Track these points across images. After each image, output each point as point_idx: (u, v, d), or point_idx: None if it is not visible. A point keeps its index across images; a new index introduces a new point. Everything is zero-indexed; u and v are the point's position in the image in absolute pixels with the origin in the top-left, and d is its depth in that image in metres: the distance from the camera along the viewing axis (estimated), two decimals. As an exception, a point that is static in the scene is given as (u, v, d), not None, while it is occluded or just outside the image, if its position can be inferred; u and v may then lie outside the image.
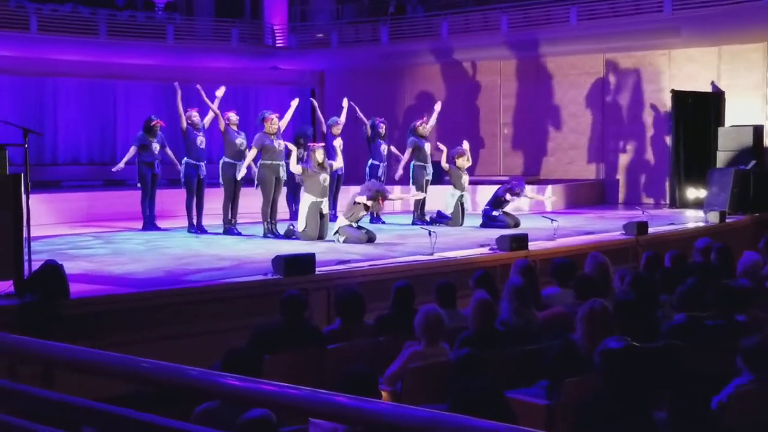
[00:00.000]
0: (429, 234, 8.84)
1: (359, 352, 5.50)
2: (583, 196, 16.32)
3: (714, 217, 12.23)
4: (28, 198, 6.44)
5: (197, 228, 11.32)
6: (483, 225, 11.94)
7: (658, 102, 16.31)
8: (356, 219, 10.33)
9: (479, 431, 2.06)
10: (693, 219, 13.03)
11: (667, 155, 15.68)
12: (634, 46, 16.28)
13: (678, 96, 15.21)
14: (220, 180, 11.15)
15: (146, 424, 2.79)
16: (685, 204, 14.94)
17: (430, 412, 2.14)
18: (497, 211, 11.96)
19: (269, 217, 10.85)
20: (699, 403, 3.92)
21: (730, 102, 15.47)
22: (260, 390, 2.45)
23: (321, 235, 10.42)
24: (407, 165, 12.89)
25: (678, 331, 5.38)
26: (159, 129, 11.67)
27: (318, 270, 7.60)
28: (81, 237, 11.11)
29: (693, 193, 14.98)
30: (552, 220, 10.35)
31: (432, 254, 8.74)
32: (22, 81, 17.20)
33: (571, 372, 4.53)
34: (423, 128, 12.83)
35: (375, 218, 12.43)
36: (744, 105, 15.35)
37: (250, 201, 11.68)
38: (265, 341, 5.46)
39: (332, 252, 9.19)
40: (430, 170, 12.78)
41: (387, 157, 13.02)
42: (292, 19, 19.67)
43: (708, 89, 15.70)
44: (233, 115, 11.28)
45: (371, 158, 12.90)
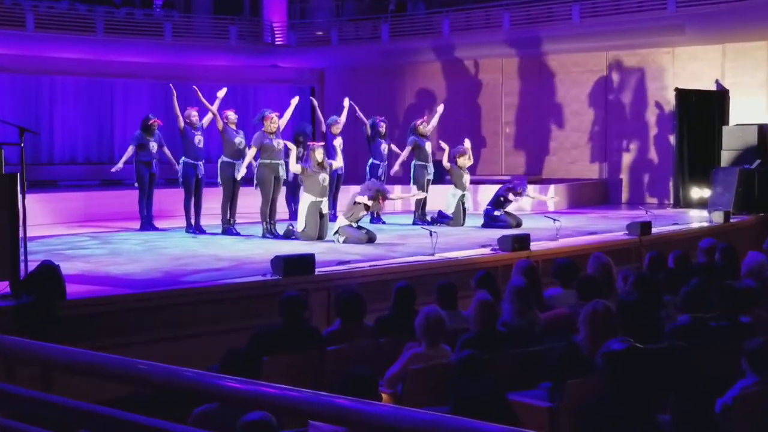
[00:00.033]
0: (430, 234, 8.84)
1: (359, 354, 5.49)
2: (586, 196, 16.32)
3: (718, 217, 12.23)
4: (25, 198, 6.43)
5: (195, 228, 11.32)
6: (484, 225, 11.94)
7: (662, 100, 16.31)
8: (356, 219, 10.33)
9: (481, 434, 2.06)
10: (697, 219, 13.02)
11: (671, 154, 15.68)
12: (638, 44, 16.27)
13: (682, 94, 15.20)
14: (219, 180, 11.15)
15: (144, 427, 2.79)
16: (689, 204, 14.94)
17: (432, 415, 2.14)
18: (499, 211, 11.95)
19: (268, 217, 10.84)
20: (703, 406, 3.92)
21: (735, 100, 15.46)
22: (259, 392, 2.45)
23: (321, 236, 10.42)
24: (407, 164, 12.88)
25: (682, 333, 5.38)
26: (157, 128, 11.67)
27: (318, 270, 7.59)
28: (78, 237, 11.10)
29: (697, 193, 14.98)
30: (554, 220, 10.34)
31: (433, 254, 8.74)
32: (19, 79, 17.21)
33: (574, 374, 4.53)
34: (423, 127, 12.82)
35: (375, 218, 12.43)
36: (749, 103, 15.35)
37: (249, 201, 11.68)
38: (265, 342, 5.46)
39: (332, 252, 9.18)
40: (432, 170, 12.77)
41: (387, 157, 13.01)
42: (292, 17, 19.67)
43: (712, 87, 15.69)
44: (231, 114, 11.28)
45: (371, 157, 12.89)
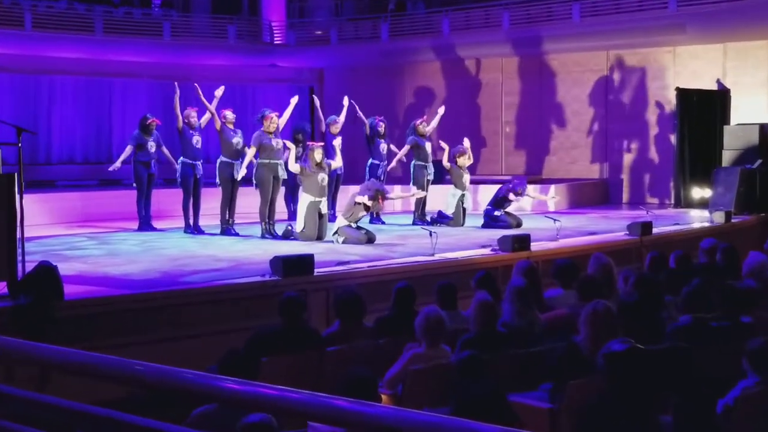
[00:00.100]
0: (430, 234, 8.83)
1: (359, 355, 5.50)
2: (587, 196, 16.32)
3: (719, 217, 12.22)
4: (22, 198, 6.44)
5: (194, 228, 11.31)
6: (484, 225, 11.94)
7: (663, 100, 16.31)
8: (356, 219, 10.32)
9: (481, 435, 2.06)
10: (698, 219, 13.02)
11: (672, 154, 15.67)
12: (639, 43, 16.27)
13: (683, 94, 15.20)
14: (217, 180, 11.15)
15: (142, 428, 2.79)
16: (690, 204, 14.94)
17: (432, 416, 2.14)
18: (499, 211, 11.95)
19: (267, 218, 10.84)
20: (704, 406, 3.92)
21: (736, 100, 15.46)
22: (258, 393, 2.45)
23: (320, 236, 10.41)
24: (407, 164, 12.88)
25: (683, 333, 5.38)
26: (155, 128, 11.66)
27: (317, 271, 7.59)
28: (76, 237, 11.10)
29: (698, 193, 14.98)
30: (555, 221, 10.34)
31: (433, 255, 8.73)
32: (17, 79, 17.21)
33: (575, 374, 4.53)
34: (423, 127, 12.81)
35: (375, 218, 12.42)
36: (750, 103, 15.35)
37: (248, 201, 11.67)
38: (263, 343, 5.46)
39: (331, 253, 9.18)
40: (431, 170, 12.77)
41: (387, 157, 13.01)
42: (291, 16, 19.67)
43: (713, 87, 15.69)
44: (230, 114, 11.27)
45: (371, 157, 12.88)
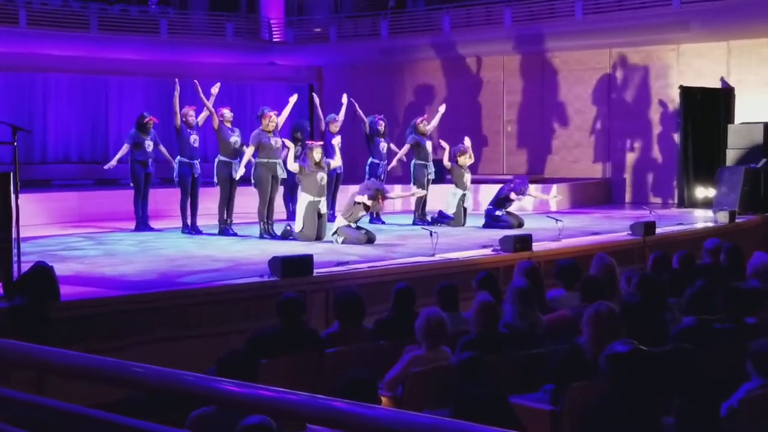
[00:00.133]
0: (430, 234, 8.84)
1: (358, 356, 5.50)
2: (589, 196, 16.32)
3: (723, 217, 12.23)
4: (17, 197, 6.44)
5: (191, 228, 11.31)
6: (486, 225, 11.94)
7: (666, 98, 16.31)
8: (355, 219, 10.32)
9: (482, 438, 2.06)
10: (702, 219, 13.03)
11: (675, 153, 15.68)
12: (642, 41, 16.28)
13: (686, 92, 15.20)
14: (215, 179, 11.15)
15: (140, 431, 2.79)
16: (694, 203, 14.95)
17: (432, 418, 2.14)
18: (500, 211, 11.95)
19: (266, 218, 10.84)
20: (708, 409, 3.92)
21: (740, 98, 15.47)
22: (257, 395, 2.45)
23: (319, 236, 10.41)
24: (407, 163, 12.88)
25: (686, 335, 5.39)
26: (152, 126, 11.67)
27: (316, 272, 7.59)
28: (72, 238, 11.10)
29: (702, 193, 14.98)
30: (557, 220, 10.34)
31: (433, 255, 8.74)
32: (11, 77, 17.19)
33: (577, 376, 4.53)
34: (424, 126, 12.82)
35: (375, 218, 12.42)
36: (754, 101, 15.35)
37: (247, 201, 11.67)
38: (262, 345, 5.46)
39: (331, 253, 9.18)
40: (432, 169, 12.77)
41: (387, 156, 13.01)
42: (289, 13, 19.68)
43: (717, 85, 15.69)
44: (227, 112, 11.27)
45: (371, 157, 12.88)
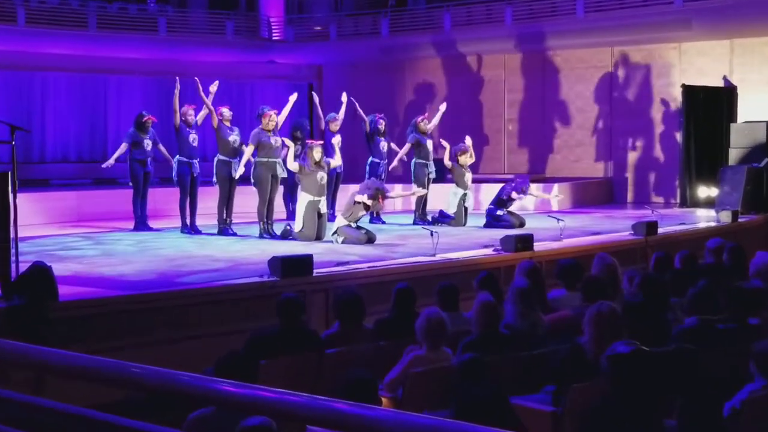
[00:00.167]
0: (431, 234, 8.84)
1: (359, 357, 5.50)
2: (591, 195, 16.32)
3: (726, 217, 12.23)
4: (16, 197, 6.44)
5: (190, 228, 11.32)
6: (487, 225, 11.94)
7: (668, 97, 16.31)
8: (355, 219, 10.33)
9: (483, 439, 2.06)
10: (704, 218, 13.03)
11: (678, 152, 15.68)
12: (644, 39, 16.27)
13: (689, 91, 15.20)
14: (214, 179, 11.15)
15: (138, 432, 2.80)
16: (696, 203, 14.95)
17: (432, 419, 2.14)
18: (501, 211, 11.95)
19: (265, 217, 10.84)
20: (710, 410, 3.93)
21: (743, 97, 15.46)
22: (256, 396, 2.45)
23: (319, 236, 10.42)
24: (407, 162, 12.88)
25: (689, 335, 5.39)
26: (151, 125, 11.67)
27: (316, 272, 7.59)
28: (70, 237, 11.10)
29: (704, 192, 14.98)
30: (558, 220, 10.34)
31: (434, 255, 8.74)
32: (9, 75, 17.20)
33: (579, 377, 4.54)
34: (424, 124, 12.82)
35: (375, 218, 12.42)
36: (757, 100, 15.35)
37: (246, 200, 11.67)
38: (261, 345, 5.46)
39: (331, 253, 9.19)
40: (432, 168, 12.77)
41: (387, 155, 13.01)
42: (289, 11, 19.68)
43: (720, 84, 15.69)
44: (226, 111, 11.28)
45: (371, 156, 12.88)
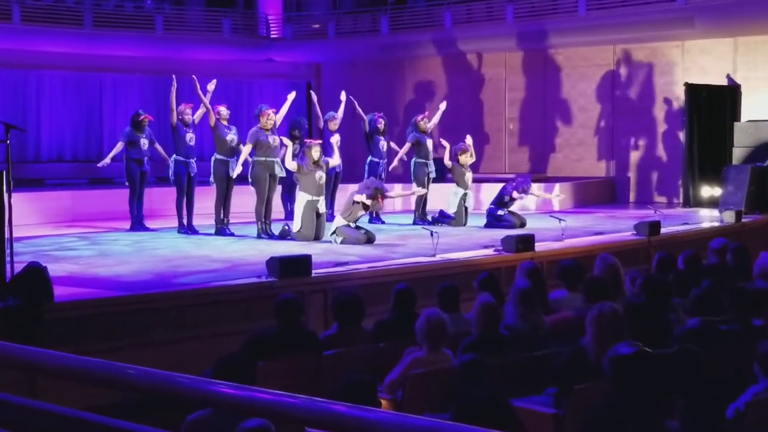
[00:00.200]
0: (431, 234, 8.84)
1: (358, 359, 5.50)
2: (593, 195, 16.32)
3: (729, 217, 12.23)
4: (10, 197, 6.44)
5: (187, 228, 11.31)
6: (487, 225, 11.94)
7: (671, 96, 16.31)
8: (355, 219, 10.33)
9: (484, 441, 2.06)
10: (707, 218, 13.04)
11: (681, 152, 15.68)
12: (646, 37, 16.27)
13: (692, 89, 15.20)
14: (211, 178, 11.14)
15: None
16: (700, 203, 14.95)
17: (433, 422, 2.14)
18: (502, 211, 11.95)
19: (263, 217, 10.84)
20: (713, 412, 3.92)
21: (747, 96, 15.47)
22: (254, 398, 2.45)
23: (317, 236, 10.42)
24: (407, 162, 12.88)
25: (692, 336, 5.38)
26: (147, 124, 11.67)
27: (314, 272, 7.59)
28: (66, 238, 11.11)
29: (707, 192, 14.98)
30: (560, 220, 10.34)
31: (434, 255, 8.74)
32: (4, 74, 17.18)
33: (581, 379, 4.53)
34: (424, 123, 12.82)
35: (374, 218, 12.43)
36: (761, 99, 15.35)
37: (244, 200, 11.67)
38: (259, 347, 5.46)
39: (329, 253, 9.19)
40: (432, 167, 12.78)
41: (387, 154, 13.01)
42: (288, 9, 19.68)
43: (723, 82, 15.69)
44: (224, 109, 11.27)
45: (370, 155, 12.88)
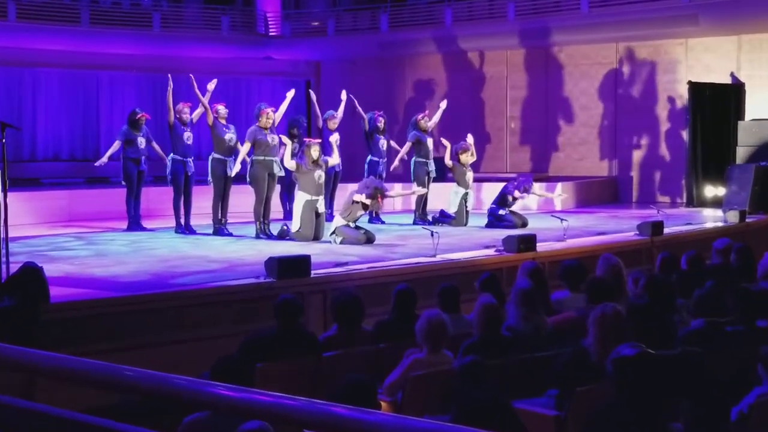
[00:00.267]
0: (431, 234, 8.84)
1: (357, 360, 5.51)
2: (595, 194, 16.33)
3: (733, 217, 12.24)
4: (6, 196, 6.44)
5: (185, 228, 11.32)
6: (489, 225, 11.95)
7: (675, 94, 16.31)
8: (354, 218, 10.33)
9: (485, 443, 2.06)
10: (711, 218, 13.04)
11: (684, 151, 15.68)
12: (649, 35, 16.27)
13: (695, 88, 15.20)
14: (209, 178, 11.15)
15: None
16: (703, 202, 14.95)
17: (433, 424, 2.14)
18: (504, 210, 11.95)
19: (262, 217, 10.84)
20: (717, 414, 3.92)
21: (751, 94, 15.46)
22: (252, 400, 2.45)
23: (317, 236, 10.42)
24: (407, 161, 12.88)
25: (695, 337, 5.39)
26: (144, 122, 11.68)
27: (314, 273, 7.60)
28: (62, 238, 11.11)
29: (711, 191, 14.99)
30: (562, 220, 10.35)
31: (434, 256, 8.75)
32: (0, 71, 17.19)
33: (583, 380, 4.54)
34: (425, 122, 12.82)
35: (374, 218, 12.43)
36: (766, 97, 15.35)
37: (242, 200, 11.67)
38: (258, 348, 5.46)
39: (329, 253, 9.19)
40: (433, 166, 12.77)
41: (387, 153, 13.01)
42: (286, 7, 19.67)
43: (727, 81, 15.70)
44: (222, 108, 11.27)
45: (370, 154, 12.88)
